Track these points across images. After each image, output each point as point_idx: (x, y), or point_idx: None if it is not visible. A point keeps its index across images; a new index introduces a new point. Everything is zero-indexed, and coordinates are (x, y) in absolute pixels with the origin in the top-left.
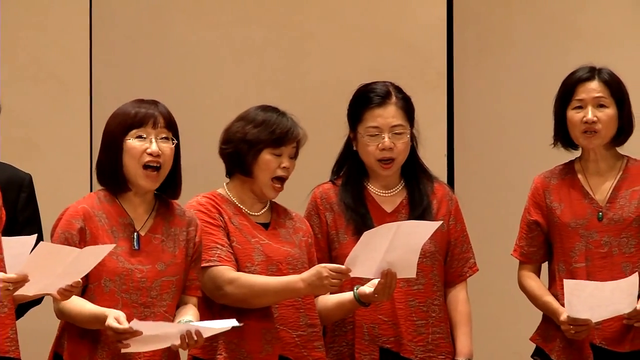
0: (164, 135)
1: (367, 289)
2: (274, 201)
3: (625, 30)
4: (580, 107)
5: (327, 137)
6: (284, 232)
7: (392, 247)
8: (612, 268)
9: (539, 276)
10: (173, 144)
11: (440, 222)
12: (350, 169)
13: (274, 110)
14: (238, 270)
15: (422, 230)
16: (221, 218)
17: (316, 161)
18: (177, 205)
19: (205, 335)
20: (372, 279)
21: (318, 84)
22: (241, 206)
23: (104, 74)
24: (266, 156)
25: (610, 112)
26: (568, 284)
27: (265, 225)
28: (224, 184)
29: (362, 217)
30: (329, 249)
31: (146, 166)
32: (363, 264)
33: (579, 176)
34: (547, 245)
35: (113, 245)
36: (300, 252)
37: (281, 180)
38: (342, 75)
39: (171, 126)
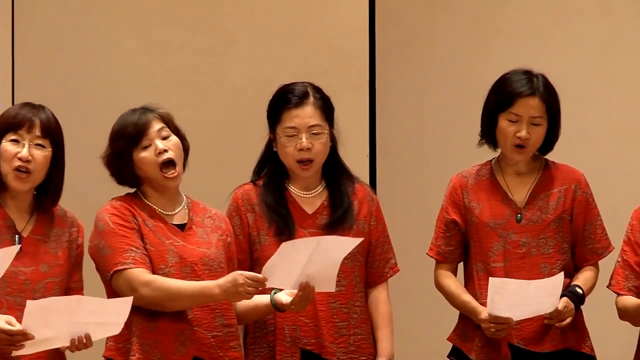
0: (38, 142)
1: (284, 297)
2: (192, 199)
3: (545, 31)
4: (514, 121)
5: (249, 138)
6: (201, 231)
7: (311, 261)
8: (530, 268)
9: (455, 276)
10: (48, 151)
11: (361, 239)
12: (272, 170)
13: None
14: (152, 272)
15: (342, 246)
16: (135, 220)
17: (237, 162)
18: (59, 206)
19: (94, 338)
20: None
21: (240, 84)
22: (154, 207)
23: (26, 75)
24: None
25: (542, 130)
26: (493, 281)
27: (182, 227)
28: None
29: (283, 218)
30: (250, 250)
31: (17, 169)
32: (281, 275)
33: (498, 177)
34: (463, 245)
35: (18, 247)
36: (217, 251)
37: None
38: (263, 76)
39: (49, 133)
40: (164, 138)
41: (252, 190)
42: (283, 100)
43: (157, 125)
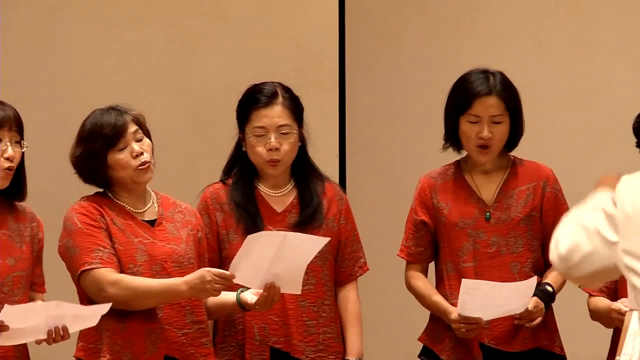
0: (17, 140)
1: (250, 296)
2: (161, 194)
3: (517, 31)
4: (475, 122)
5: (218, 138)
6: (171, 227)
7: (277, 259)
8: (500, 268)
9: (426, 276)
10: (24, 148)
11: (328, 239)
12: (241, 169)
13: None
14: (121, 271)
15: (309, 245)
16: (103, 220)
17: (207, 162)
18: (18, 202)
19: (72, 330)
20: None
21: (210, 84)
22: (124, 205)
23: None
24: None
25: (504, 128)
26: (466, 283)
27: (152, 223)
28: None
29: (252, 216)
30: (219, 249)
31: (7, 169)
32: (247, 271)
33: (466, 176)
34: (434, 245)
35: None
36: (187, 247)
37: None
38: (233, 75)
39: (21, 131)
40: (138, 140)
41: (221, 189)
42: (252, 100)
43: (132, 128)
